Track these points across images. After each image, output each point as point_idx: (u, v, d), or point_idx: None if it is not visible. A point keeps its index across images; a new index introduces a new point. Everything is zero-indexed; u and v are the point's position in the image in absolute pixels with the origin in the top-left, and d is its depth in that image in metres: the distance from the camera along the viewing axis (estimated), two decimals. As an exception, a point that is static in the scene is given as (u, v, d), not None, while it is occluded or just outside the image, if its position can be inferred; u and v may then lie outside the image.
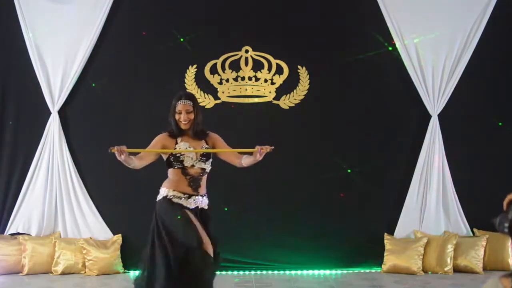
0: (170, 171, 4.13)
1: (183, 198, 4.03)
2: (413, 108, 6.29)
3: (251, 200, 6.19)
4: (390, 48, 6.21)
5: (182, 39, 6.20)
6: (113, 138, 6.16)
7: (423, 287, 5.48)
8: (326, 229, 6.16)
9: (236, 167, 4.30)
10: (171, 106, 4.19)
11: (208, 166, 4.14)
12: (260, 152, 3.91)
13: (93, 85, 6.23)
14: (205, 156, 4.08)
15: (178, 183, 4.06)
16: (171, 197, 4.04)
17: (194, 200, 4.06)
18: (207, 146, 4.14)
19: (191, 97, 4.16)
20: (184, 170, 4.04)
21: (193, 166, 4.04)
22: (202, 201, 4.12)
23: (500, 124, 6.26)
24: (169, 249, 3.90)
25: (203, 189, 4.15)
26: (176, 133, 4.12)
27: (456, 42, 6.15)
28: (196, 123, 4.11)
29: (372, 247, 6.16)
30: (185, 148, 4.05)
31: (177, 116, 4.10)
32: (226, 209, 6.15)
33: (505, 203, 2.11)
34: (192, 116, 4.07)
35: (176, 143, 4.08)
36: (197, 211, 4.09)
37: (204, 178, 4.15)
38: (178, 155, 4.03)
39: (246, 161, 4.11)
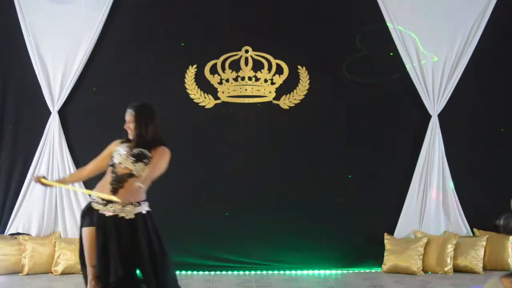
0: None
1: (102, 203, 3.88)
2: (413, 108, 6.29)
3: (251, 200, 6.19)
4: (392, 54, 6.21)
5: (182, 44, 6.19)
6: (113, 138, 6.15)
7: (423, 287, 5.49)
8: (326, 229, 6.16)
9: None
10: None
11: (136, 170, 3.86)
12: None
13: (94, 89, 6.23)
14: (134, 157, 3.87)
15: (104, 182, 3.95)
16: (91, 200, 3.95)
17: (111, 207, 3.85)
18: (145, 151, 3.91)
19: (135, 107, 3.99)
20: (113, 167, 3.93)
21: (120, 163, 3.89)
22: (122, 210, 3.85)
23: (502, 130, 6.26)
24: None
25: (126, 196, 3.82)
26: (126, 140, 4.04)
27: (456, 42, 6.15)
28: (138, 134, 3.93)
29: (372, 247, 6.16)
30: (119, 150, 3.95)
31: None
32: (227, 214, 6.16)
33: None
34: (132, 126, 3.96)
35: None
36: (126, 223, 3.83)
37: (131, 183, 3.82)
38: (113, 154, 3.97)
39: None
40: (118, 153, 3.93)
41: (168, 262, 3.92)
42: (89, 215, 3.92)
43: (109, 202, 3.84)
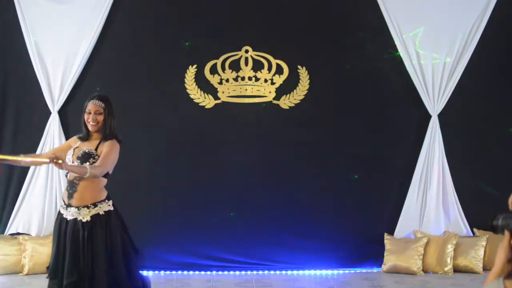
0: None
1: (64, 207, 3.84)
2: (413, 108, 6.30)
3: (251, 200, 6.18)
4: (397, 54, 6.22)
5: (187, 43, 6.18)
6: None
7: (423, 287, 5.48)
8: (326, 229, 6.16)
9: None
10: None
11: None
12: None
13: (97, 89, 6.22)
14: (79, 159, 3.77)
15: (65, 188, 3.91)
16: (60, 206, 3.90)
17: (70, 211, 3.79)
18: (89, 150, 3.81)
19: (104, 98, 3.91)
20: (67, 172, 3.83)
21: None
22: (79, 213, 3.77)
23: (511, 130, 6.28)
24: None
25: (81, 200, 3.78)
26: (84, 135, 3.93)
27: (456, 42, 6.15)
28: (105, 128, 3.86)
29: (372, 247, 6.16)
30: (73, 149, 3.84)
31: (85, 116, 3.89)
32: (232, 214, 6.16)
33: (510, 202, 2.05)
34: (100, 118, 3.84)
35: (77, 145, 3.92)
36: (82, 226, 3.75)
37: (84, 185, 3.77)
38: (67, 156, 3.82)
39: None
40: (67, 157, 3.81)
41: (126, 263, 3.82)
42: (57, 219, 3.91)
43: (68, 206, 3.79)
